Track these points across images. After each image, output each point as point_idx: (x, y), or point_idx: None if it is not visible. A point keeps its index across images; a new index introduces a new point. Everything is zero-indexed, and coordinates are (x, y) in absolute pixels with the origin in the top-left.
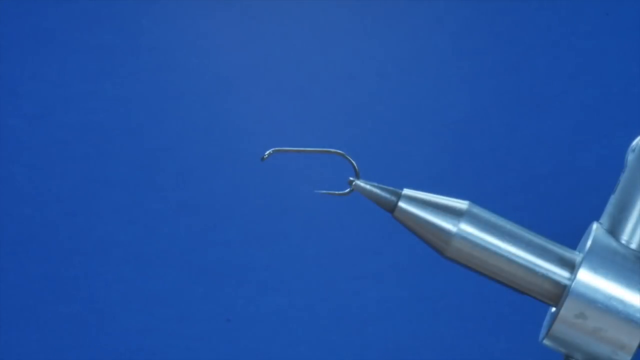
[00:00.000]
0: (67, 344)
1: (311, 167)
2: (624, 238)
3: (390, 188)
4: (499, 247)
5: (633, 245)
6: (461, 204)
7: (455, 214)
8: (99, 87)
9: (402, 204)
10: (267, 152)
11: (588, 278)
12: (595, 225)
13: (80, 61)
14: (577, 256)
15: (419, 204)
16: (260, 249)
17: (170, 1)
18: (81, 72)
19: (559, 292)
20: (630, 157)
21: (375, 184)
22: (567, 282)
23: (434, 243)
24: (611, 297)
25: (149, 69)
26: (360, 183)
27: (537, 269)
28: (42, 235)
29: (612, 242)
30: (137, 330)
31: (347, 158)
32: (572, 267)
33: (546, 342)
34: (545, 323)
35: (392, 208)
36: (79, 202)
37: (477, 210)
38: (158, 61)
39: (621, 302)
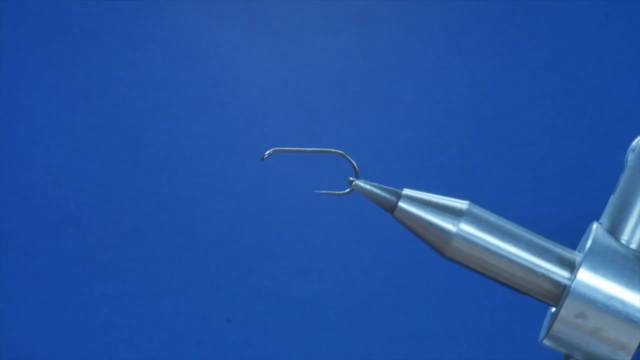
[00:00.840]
0: (71, 332)
1: (311, 167)
2: (624, 238)
3: (390, 188)
4: (499, 247)
5: (633, 245)
6: (461, 204)
7: (455, 214)
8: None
9: (402, 204)
10: (267, 152)
11: (588, 278)
12: (595, 225)
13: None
14: (577, 256)
15: (419, 204)
16: (261, 249)
17: (174, 2)
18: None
19: (559, 292)
20: (630, 157)
21: (375, 184)
22: (567, 282)
23: (434, 243)
24: (611, 297)
25: (153, 70)
26: (360, 183)
27: (537, 269)
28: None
29: (612, 242)
30: (137, 330)
31: (347, 158)
32: (572, 267)
33: (546, 342)
34: (545, 323)
35: (392, 208)
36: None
37: (477, 210)
38: (159, 61)
39: (621, 302)
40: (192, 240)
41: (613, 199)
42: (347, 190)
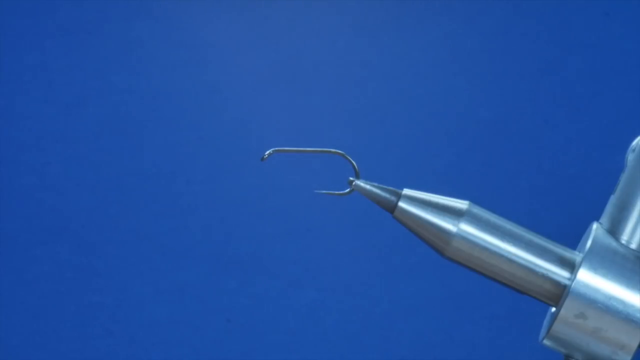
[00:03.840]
0: (68, 338)
1: (311, 167)
2: (624, 238)
3: (390, 188)
4: (499, 247)
5: (633, 245)
6: (461, 204)
7: (455, 214)
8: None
9: (402, 204)
10: (267, 152)
11: (588, 278)
12: (595, 225)
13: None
14: (577, 256)
15: (419, 204)
16: (260, 249)
17: (170, 4)
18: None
19: (559, 292)
20: (630, 157)
21: (375, 184)
22: (567, 282)
23: (433, 243)
24: (611, 297)
25: (153, 70)
26: (360, 183)
27: (537, 269)
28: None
29: (612, 242)
30: (137, 330)
31: (347, 158)
32: (572, 267)
33: (546, 342)
34: (545, 323)
35: (392, 208)
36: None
37: (477, 210)
38: (156, 63)
39: (621, 302)
40: (192, 240)
41: (613, 199)
42: (347, 190)
